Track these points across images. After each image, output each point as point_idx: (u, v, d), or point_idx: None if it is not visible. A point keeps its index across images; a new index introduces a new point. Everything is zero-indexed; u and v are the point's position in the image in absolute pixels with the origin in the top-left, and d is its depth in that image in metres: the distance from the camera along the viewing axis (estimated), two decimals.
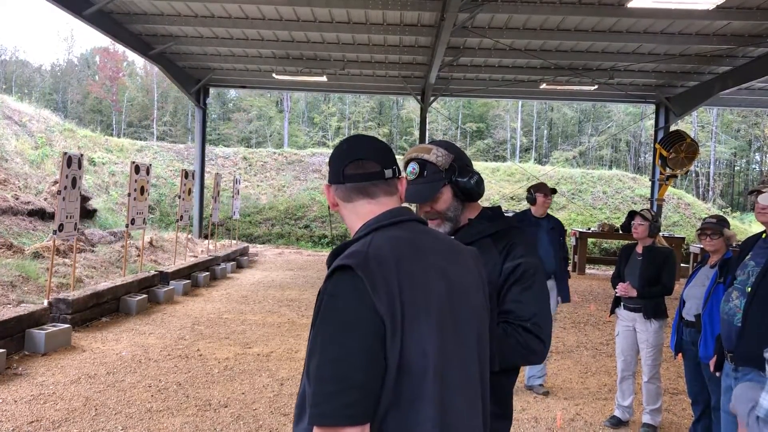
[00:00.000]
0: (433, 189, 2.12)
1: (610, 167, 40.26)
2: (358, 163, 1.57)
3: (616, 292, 5.02)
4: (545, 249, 5.79)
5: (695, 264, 4.71)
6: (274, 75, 15.06)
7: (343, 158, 1.59)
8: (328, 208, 1.70)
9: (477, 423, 1.50)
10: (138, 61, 54.25)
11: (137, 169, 9.36)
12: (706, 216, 4.47)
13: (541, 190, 5.88)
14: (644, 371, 4.95)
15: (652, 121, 17.45)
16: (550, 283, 5.87)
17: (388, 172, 1.59)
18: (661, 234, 14.33)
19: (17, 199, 12.93)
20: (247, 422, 4.80)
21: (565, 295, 5.88)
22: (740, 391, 2.03)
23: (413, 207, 2.21)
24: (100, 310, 7.86)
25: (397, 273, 1.37)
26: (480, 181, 2.17)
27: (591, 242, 18.48)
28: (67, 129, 20.80)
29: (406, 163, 2.18)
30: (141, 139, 31.67)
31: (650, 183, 17.54)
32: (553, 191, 5.98)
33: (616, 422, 5.04)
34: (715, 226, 4.24)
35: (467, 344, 1.49)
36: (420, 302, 1.38)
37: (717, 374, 3.66)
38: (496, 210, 2.25)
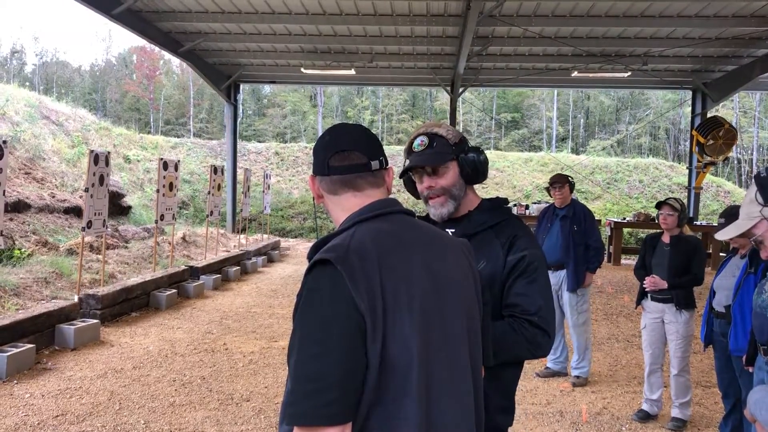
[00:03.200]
0: (441, 158, 2.07)
1: (649, 155, 39.46)
2: (343, 154, 1.51)
3: (644, 285, 4.87)
4: (554, 238, 5.78)
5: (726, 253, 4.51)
6: (302, 69, 15.08)
7: (328, 149, 1.53)
8: (313, 200, 1.65)
9: (467, 420, 1.44)
10: (174, 59, 55.13)
11: (165, 165, 9.45)
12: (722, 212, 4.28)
13: (550, 183, 6.00)
14: (673, 363, 4.80)
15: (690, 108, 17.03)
16: (562, 273, 5.81)
17: (375, 164, 1.53)
18: (697, 223, 13.96)
19: (53, 197, 13.21)
20: (268, 416, 4.80)
21: (568, 283, 5.77)
22: (758, 395, 1.92)
23: (409, 198, 2.16)
24: (130, 305, 7.97)
25: (378, 267, 1.31)
26: (487, 162, 2.13)
27: (627, 232, 18.14)
28: (102, 127, 21.20)
29: (415, 137, 2.13)
30: (178, 137, 32.11)
31: (687, 171, 17.12)
32: (560, 181, 5.90)
33: (644, 416, 4.91)
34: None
35: (455, 340, 1.43)
36: (403, 297, 1.32)
37: (750, 369, 3.53)
38: (495, 201, 2.19)
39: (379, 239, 1.38)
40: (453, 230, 2.10)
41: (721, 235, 2.09)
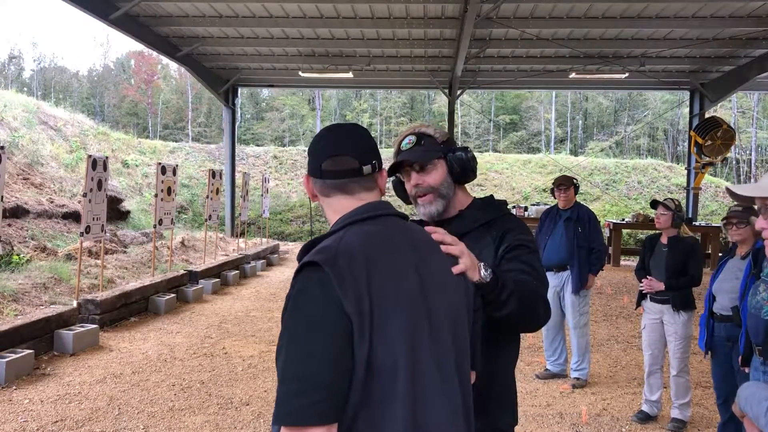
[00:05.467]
0: (429, 155, 2.06)
1: (648, 156, 39.49)
2: (336, 159, 1.52)
3: (641, 287, 4.88)
4: (558, 239, 5.78)
5: (721, 255, 4.44)
6: (300, 73, 15.08)
7: (321, 153, 1.55)
8: (309, 200, 1.64)
9: (456, 423, 1.44)
10: (172, 63, 54.91)
11: (163, 170, 9.45)
12: (732, 204, 4.26)
13: (555, 185, 6.02)
14: (673, 365, 4.80)
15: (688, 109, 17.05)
16: (565, 274, 5.81)
17: (366, 168, 1.54)
18: (696, 223, 13.97)
19: (52, 202, 13.21)
20: (267, 420, 4.79)
21: (572, 285, 5.77)
22: (749, 391, 1.91)
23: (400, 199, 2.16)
24: (129, 310, 7.96)
25: (367, 269, 1.33)
26: (475, 160, 2.12)
27: (626, 233, 18.13)
28: (100, 132, 21.19)
29: (404, 137, 2.13)
30: (176, 141, 32.08)
31: (686, 171, 17.13)
32: (565, 183, 5.91)
33: (644, 417, 4.91)
34: (741, 215, 4.04)
35: (443, 343, 1.44)
36: (391, 300, 1.34)
37: (746, 370, 3.53)
38: (486, 199, 2.19)
39: (368, 242, 1.40)
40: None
41: (740, 189, 1.88)
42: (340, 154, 1.53)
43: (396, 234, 1.48)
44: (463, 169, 2.07)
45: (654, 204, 4.90)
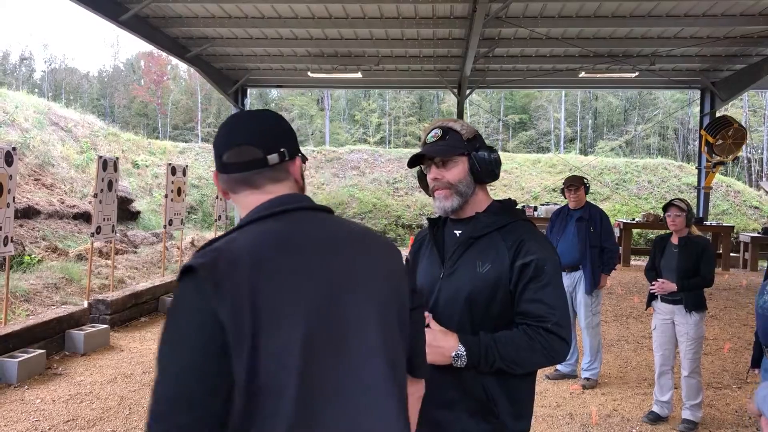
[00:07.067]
0: (450, 151, 2.05)
1: (658, 155, 39.29)
2: (238, 149, 1.38)
3: (652, 290, 4.86)
4: (570, 239, 5.76)
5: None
6: (309, 73, 15.09)
7: (221, 144, 1.41)
8: (221, 195, 1.48)
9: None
10: (181, 64, 54.62)
11: (173, 170, 9.49)
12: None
13: (565, 185, 5.99)
14: (684, 365, 4.78)
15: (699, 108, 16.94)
16: (577, 274, 5.80)
17: (273, 158, 1.39)
18: (707, 222, 13.88)
19: (63, 203, 13.28)
20: None
21: (585, 285, 5.76)
22: (767, 390, 1.90)
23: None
24: (139, 310, 8.00)
25: (254, 275, 1.19)
26: (499, 162, 2.10)
27: (636, 233, 18.06)
28: (111, 133, 21.27)
29: (430, 130, 2.11)
30: (186, 141, 32.17)
31: (696, 171, 17.03)
32: (576, 183, 5.89)
33: (655, 418, 4.89)
34: None
35: (361, 350, 1.29)
36: (283, 308, 1.19)
37: (756, 371, 3.51)
38: (505, 202, 2.14)
39: (260, 242, 1.26)
40: (460, 231, 2.09)
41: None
42: (240, 143, 1.39)
43: (299, 231, 1.32)
44: (484, 170, 2.05)
45: (667, 207, 4.86)
